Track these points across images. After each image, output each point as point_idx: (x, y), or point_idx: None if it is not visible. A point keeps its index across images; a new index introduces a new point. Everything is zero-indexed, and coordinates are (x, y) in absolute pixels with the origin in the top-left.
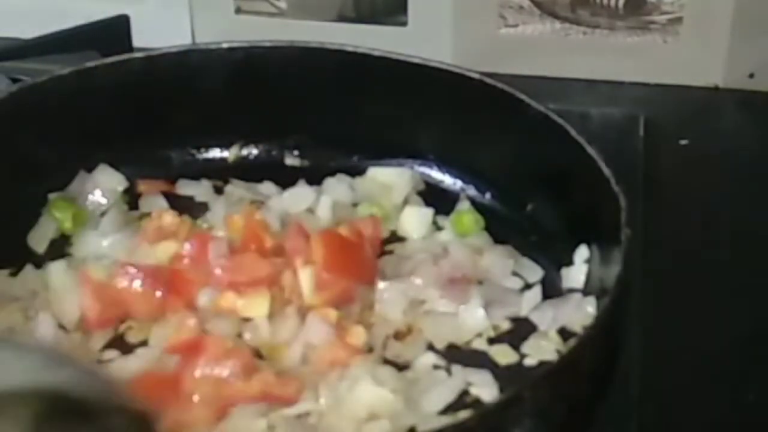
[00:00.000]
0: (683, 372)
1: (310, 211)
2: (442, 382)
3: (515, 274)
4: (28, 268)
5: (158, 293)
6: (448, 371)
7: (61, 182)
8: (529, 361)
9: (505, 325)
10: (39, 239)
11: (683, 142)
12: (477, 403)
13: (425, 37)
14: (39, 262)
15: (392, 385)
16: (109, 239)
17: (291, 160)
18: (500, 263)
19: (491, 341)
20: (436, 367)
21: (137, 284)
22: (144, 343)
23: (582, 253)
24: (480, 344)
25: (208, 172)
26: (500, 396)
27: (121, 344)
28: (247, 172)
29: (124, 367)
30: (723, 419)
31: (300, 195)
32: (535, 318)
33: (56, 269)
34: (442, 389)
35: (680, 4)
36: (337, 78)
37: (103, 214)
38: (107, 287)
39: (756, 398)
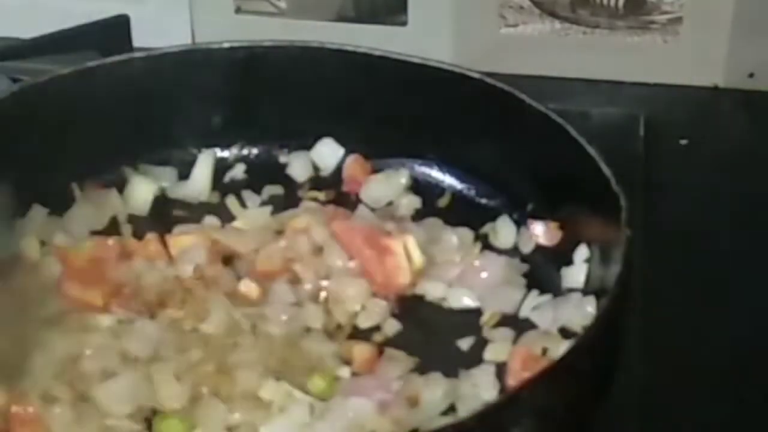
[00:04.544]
0: (683, 371)
1: None
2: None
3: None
4: None
5: None
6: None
7: (60, 182)
8: None
9: (506, 325)
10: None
11: (683, 142)
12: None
13: (425, 37)
14: None
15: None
16: None
17: None
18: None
19: (491, 341)
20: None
21: None
22: None
23: (582, 253)
24: (480, 344)
25: None
26: (500, 396)
27: None
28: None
29: None
30: (723, 419)
31: None
32: (535, 318)
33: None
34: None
35: (680, 4)
36: (337, 78)
37: None
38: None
39: (756, 398)
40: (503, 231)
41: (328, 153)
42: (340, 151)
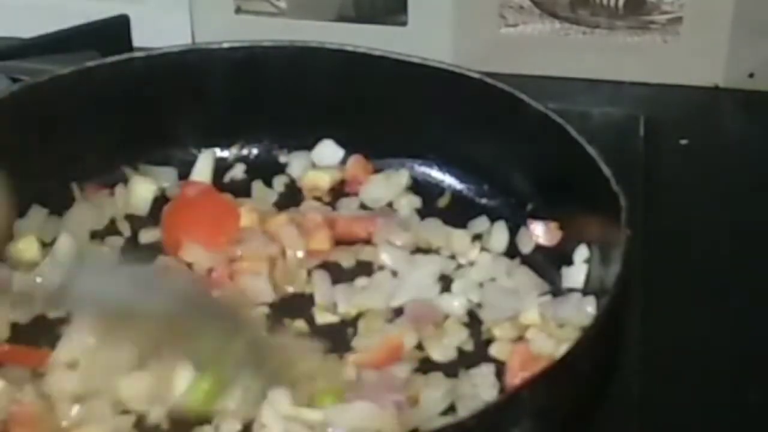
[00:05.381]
0: (683, 372)
1: None
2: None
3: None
4: None
5: None
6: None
7: (60, 182)
8: None
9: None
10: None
11: (683, 142)
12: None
13: (425, 37)
14: None
15: None
16: None
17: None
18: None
19: (491, 341)
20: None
21: None
22: None
23: (582, 253)
24: (480, 344)
25: None
26: (500, 396)
27: None
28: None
29: None
30: (723, 419)
31: None
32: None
33: None
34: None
35: (680, 4)
36: (337, 78)
37: None
38: None
39: (756, 398)
40: (496, 235)
41: (328, 153)
42: (340, 151)
